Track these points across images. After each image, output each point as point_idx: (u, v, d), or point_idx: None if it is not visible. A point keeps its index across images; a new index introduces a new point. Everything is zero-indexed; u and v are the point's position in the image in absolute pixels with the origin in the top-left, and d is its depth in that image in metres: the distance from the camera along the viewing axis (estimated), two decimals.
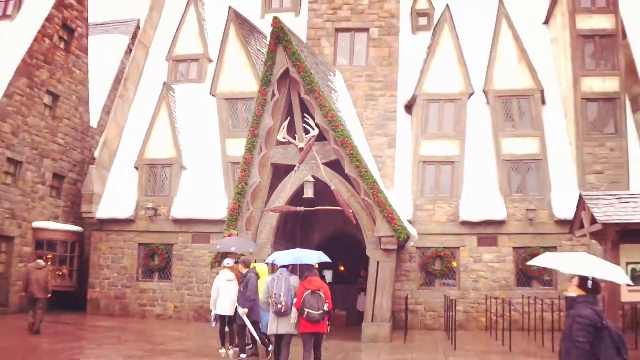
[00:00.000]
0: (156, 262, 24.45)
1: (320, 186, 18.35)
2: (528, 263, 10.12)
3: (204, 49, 27.80)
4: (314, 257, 12.84)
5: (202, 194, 24.30)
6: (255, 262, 15.37)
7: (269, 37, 19.46)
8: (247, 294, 13.10)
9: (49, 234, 24.24)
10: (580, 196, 14.63)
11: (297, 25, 25.83)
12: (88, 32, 28.37)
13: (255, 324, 13.44)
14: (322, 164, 18.34)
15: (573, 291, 6.22)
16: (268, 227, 18.94)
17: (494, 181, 22.59)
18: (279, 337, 11.96)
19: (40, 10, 25.27)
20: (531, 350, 15.47)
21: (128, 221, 24.74)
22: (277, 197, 18.72)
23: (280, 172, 19.36)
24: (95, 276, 24.80)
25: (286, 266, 12.31)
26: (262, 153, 18.96)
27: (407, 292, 21.41)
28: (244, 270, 13.74)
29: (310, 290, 11.06)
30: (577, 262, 6.62)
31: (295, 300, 11.30)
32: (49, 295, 17.16)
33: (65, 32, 26.50)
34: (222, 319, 14.40)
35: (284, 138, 18.87)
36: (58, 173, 25.87)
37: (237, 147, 23.39)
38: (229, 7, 25.54)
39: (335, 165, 18.55)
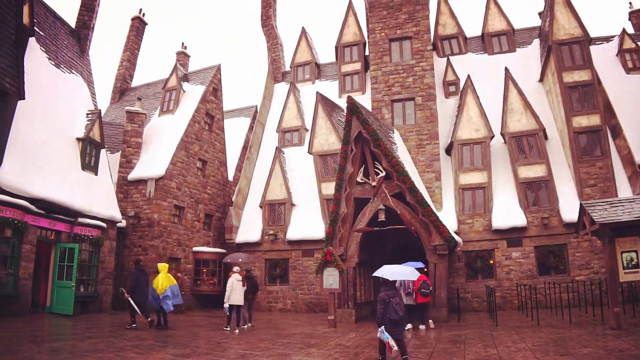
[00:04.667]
0: (277, 271, 24.52)
1: (389, 212, 18.13)
2: (373, 274, 10.71)
3: (302, 122, 28.11)
4: (420, 264, 16.12)
5: (307, 222, 24.27)
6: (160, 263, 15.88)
7: (345, 110, 19.47)
8: (130, 285, 14.19)
9: (204, 255, 24.56)
10: (581, 205, 13.80)
11: (364, 100, 26.11)
12: (223, 117, 29.12)
13: (139, 304, 13.91)
14: (390, 195, 18.13)
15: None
16: (354, 243, 18.84)
17: (515, 198, 21.66)
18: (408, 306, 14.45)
19: (191, 105, 26.22)
20: (554, 323, 14.50)
21: (257, 244, 24.91)
22: (359, 221, 18.61)
23: (360, 203, 19.19)
24: None
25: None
26: (347, 191, 18.94)
27: (457, 285, 20.70)
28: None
29: (422, 280, 15.02)
30: (382, 270, 9.74)
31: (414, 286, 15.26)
32: None
33: (208, 118, 27.26)
34: (234, 307, 14.90)
35: (362, 179, 19.11)
36: (208, 213, 26.28)
37: (329, 188, 23.53)
38: (317, 92, 26.07)
39: (399, 196, 18.25)
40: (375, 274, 9.81)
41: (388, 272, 9.69)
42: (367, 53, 29.10)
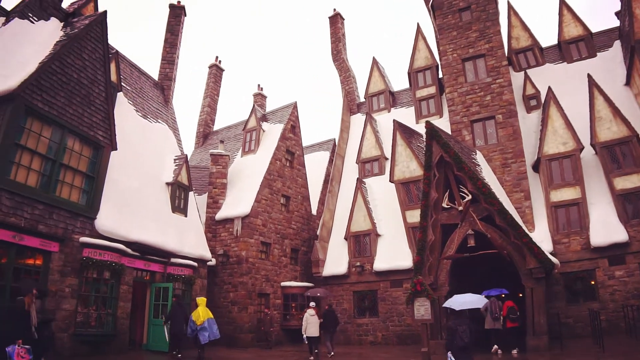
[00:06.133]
0: (366, 303, 24.38)
1: (479, 236, 17.74)
2: (443, 305, 11.83)
3: (381, 151, 28.25)
4: (504, 290, 18.10)
5: (393, 252, 24.05)
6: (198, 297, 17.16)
7: (424, 136, 19.48)
8: (167, 316, 15.74)
9: (292, 289, 24.88)
10: None
11: (442, 123, 25.91)
12: (303, 152, 29.80)
13: (174, 334, 15.36)
14: (478, 219, 17.79)
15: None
16: (444, 271, 18.55)
17: (613, 212, 20.27)
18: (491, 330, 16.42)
19: (271, 144, 27.10)
20: None
21: (344, 276, 24.97)
22: (448, 248, 18.34)
23: (447, 229, 18.94)
24: None
25: (495, 295, 16.90)
26: (433, 218, 18.82)
27: (557, 310, 19.41)
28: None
29: (509, 306, 16.22)
30: (450, 301, 10.55)
31: (501, 311, 16.31)
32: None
33: (289, 155, 28.01)
34: (311, 339, 16.48)
35: (447, 205, 18.86)
36: (294, 248, 26.72)
37: (413, 216, 23.44)
38: (394, 120, 26.24)
39: (488, 219, 17.85)
40: (445, 304, 10.83)
41: (456, 302, 10.79)
42: (440, 76, 29.04)
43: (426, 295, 16.50)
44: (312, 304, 17.04)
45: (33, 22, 15.38)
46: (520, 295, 20.58)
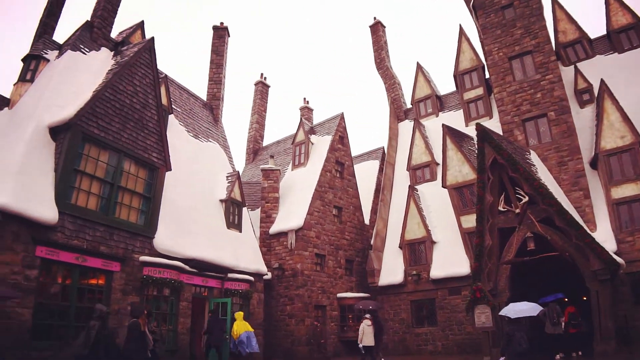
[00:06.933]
0: (424, 312, 24.14)
1: (538, 238, 17.36)
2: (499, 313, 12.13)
3: (431, 157, 28.02)
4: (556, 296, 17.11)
5: (450, 259, 23.69)
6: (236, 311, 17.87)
7: (475, 138, 19.26)
8: (206, 329, 16.46)
9: (348, 301, 24.79)
10: None
11: (493, 124, 25.47)
12: (352, 163, 29.89)
13: (215, 346, 15.89)
14: (537, 221, 17.42)
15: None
16: (504, 276, 18.24)
17: None
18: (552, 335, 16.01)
19: (321, 156, 27.34)
20: None
21: (401, 285, 24.78)
22: (506, 253, 18.03)
23: (504, 233, 18.61)
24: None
25: (552, 301, 16.50)
26: (489, 222, 18.54)
27: (625, 312, 18.47)
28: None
29: (570, 312, 16.14)
30: (506, 309, 11.20)
31: (563, 317, 16.02)
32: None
33: (338, 166, 28.17)
34: (366, 348, 16.72)
35: (503, 208, 18.54)
36: (348, 259, 26.77)
37: (468, 221, 23.05)
38: (443, 124, 25.98)
39: (547, 221, 17.43)
40: (500, 313, 11.48)
41: (511, 310, 11.20)
42: (487, 76, 28.63)
43: (486, 302, 16.30)
44: (367, 315, 17.14)
45: (85, 53, 16.22)
46: (585, 298, 19.91)
